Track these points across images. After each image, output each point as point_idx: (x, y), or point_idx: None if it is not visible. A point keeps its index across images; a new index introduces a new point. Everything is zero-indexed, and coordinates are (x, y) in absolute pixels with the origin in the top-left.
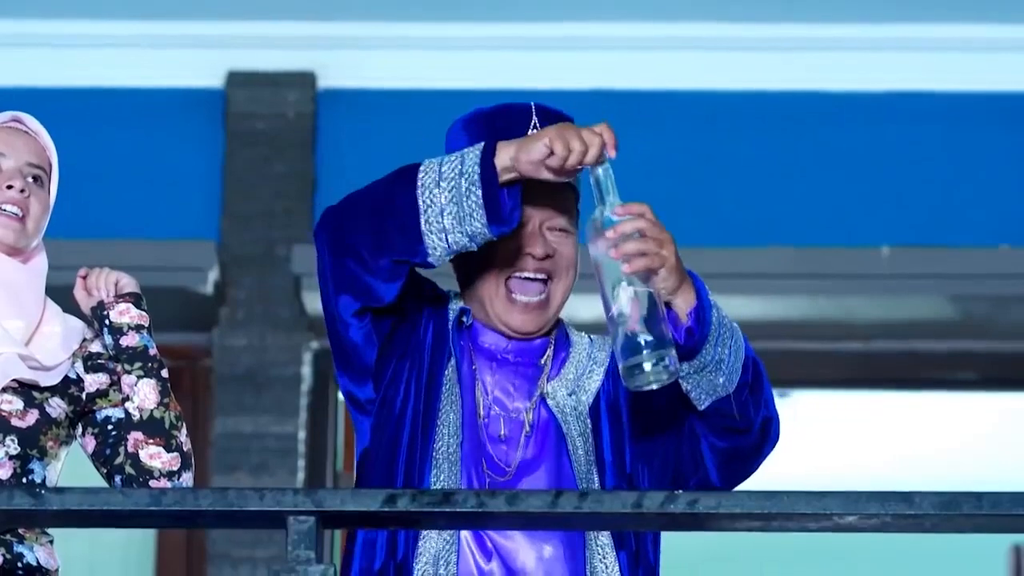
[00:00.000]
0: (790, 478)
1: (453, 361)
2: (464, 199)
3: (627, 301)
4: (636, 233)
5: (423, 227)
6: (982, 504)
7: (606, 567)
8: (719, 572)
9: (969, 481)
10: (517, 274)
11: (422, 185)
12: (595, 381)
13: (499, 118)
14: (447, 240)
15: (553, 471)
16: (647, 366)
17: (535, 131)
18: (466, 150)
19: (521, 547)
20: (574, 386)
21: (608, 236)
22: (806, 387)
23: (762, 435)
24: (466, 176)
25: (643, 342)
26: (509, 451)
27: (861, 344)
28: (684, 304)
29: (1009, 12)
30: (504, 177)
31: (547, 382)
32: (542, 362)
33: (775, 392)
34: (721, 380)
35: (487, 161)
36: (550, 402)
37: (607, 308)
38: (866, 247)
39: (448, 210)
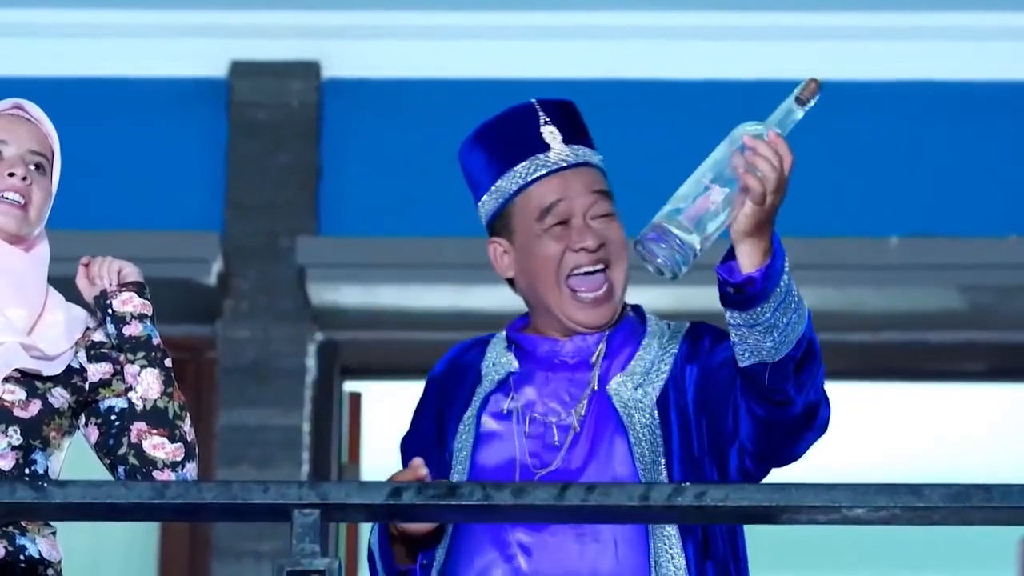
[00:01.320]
0: (798, 470)
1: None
2: None
3: (719, 195)
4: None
5: None
6: (992, 496)
7: (672, 558)
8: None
9: (978, 473)
10: (576, 271)
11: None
12: (662, 374)
13: (508, 125)
14: None
15: (608, 467)
16: (674, 243)
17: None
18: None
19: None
20: (641, 379)
21: (748, 141)
22: None
23: (804, 418)
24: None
25: (697, 227)
26: (556, 453)
27: (869, 335)
28: (750, 256)
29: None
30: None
31: (607, 376)
32: (593, 360)
33: None
34: (769, 344)
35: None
36: (614, 398)
37: (706, 178)
38: (874, 237)
39: None
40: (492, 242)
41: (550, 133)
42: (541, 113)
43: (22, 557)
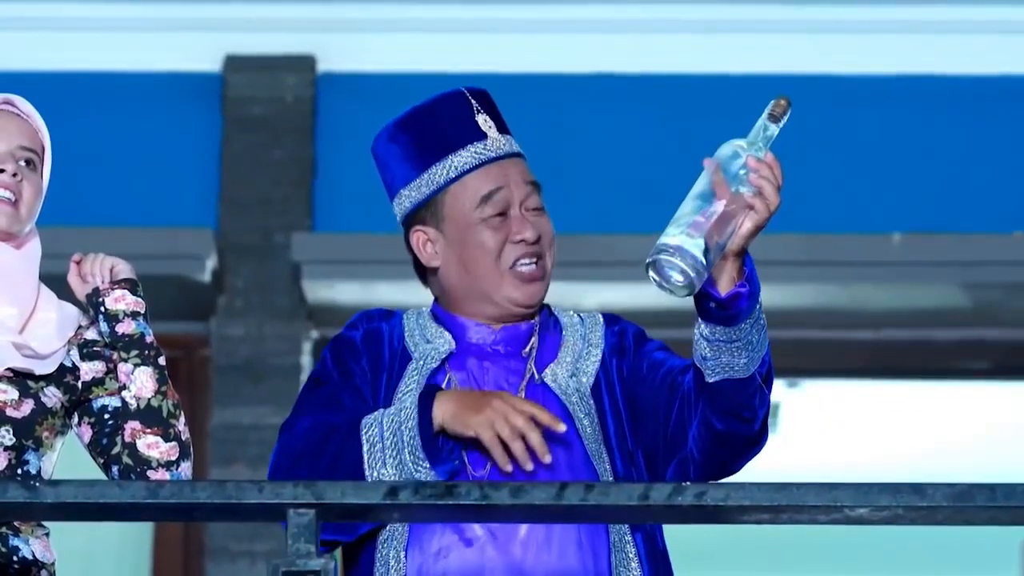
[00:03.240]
0: (799, 469)
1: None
2: (407, 460)
3: (720, 207)
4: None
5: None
6: (996, 496)
7: (624, 547)
8: (731, 567)
9: (982, 472)
10: (517, 264)
11: (369, 453)
12: (593, 363)
13: (438, 113)
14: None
15: (563, 454)
16: (687, 258)
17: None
18: (403, 410)
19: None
20: (573, 368)
21: (752, 163)
22: (816, 377)
23: (760, 433)
24: (408, 446)
25: (708, 244)
26: None
27: (872, 333)
28: (730, 274)
29: None
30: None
31: (539, 367)
32: (525, 352)
33: (784, 381)
34: (743, 361)
35: (426, 427)
36: (552, 385)
37: (706, 197)
38: (877, 233)
39: (391, 469)
40: (417, 231)
41: (484, 122)
42: (473, 101)
43: (15, 559)
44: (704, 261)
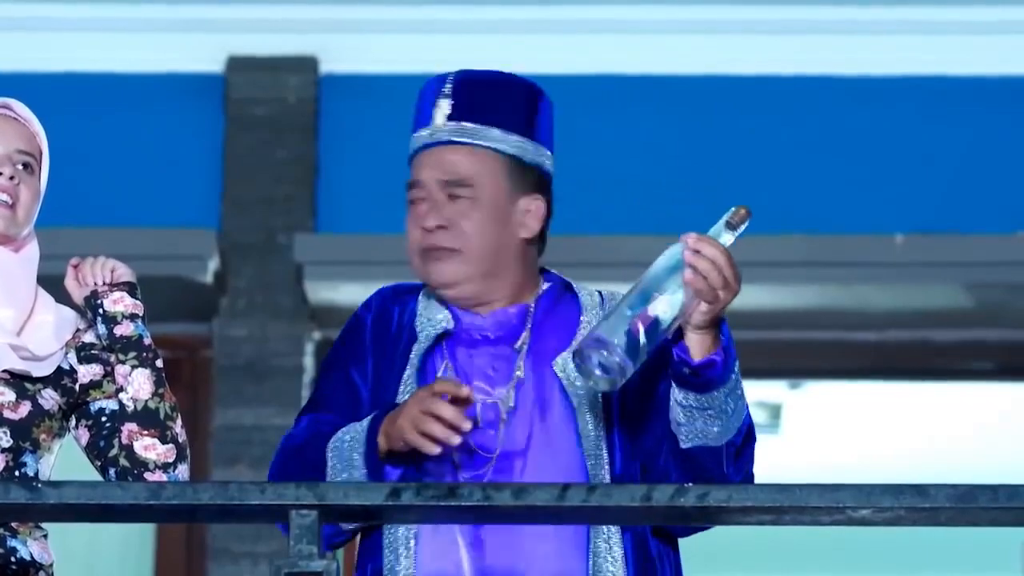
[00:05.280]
0: (802, 470)
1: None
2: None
3: (664, 303)
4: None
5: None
6: (998, 497)
7: (610, 548)
8: (732, 568)
9: (985, 473)
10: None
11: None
12: None
13: (425, 90)
14: None
15: (559, 450)
16: (615, 356)
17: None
18: (354, 437)
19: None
20: None
21: (689, 256)
22: (818, 378)
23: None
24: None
25: (641, 340)
26: (493, 436)
27: (874, 334)
28: (701, 345)
29: None
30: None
31: (541, 353)
32: (517, 346)
33: (786, 382)
34: (716, 430)
35: (371, 454)
36: (560, 374)
37: (646, 293)
38: (879, 234)
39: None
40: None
41: (440, 107)
42: (449, 85)
43: (13, 560)
44: (636, 359)
